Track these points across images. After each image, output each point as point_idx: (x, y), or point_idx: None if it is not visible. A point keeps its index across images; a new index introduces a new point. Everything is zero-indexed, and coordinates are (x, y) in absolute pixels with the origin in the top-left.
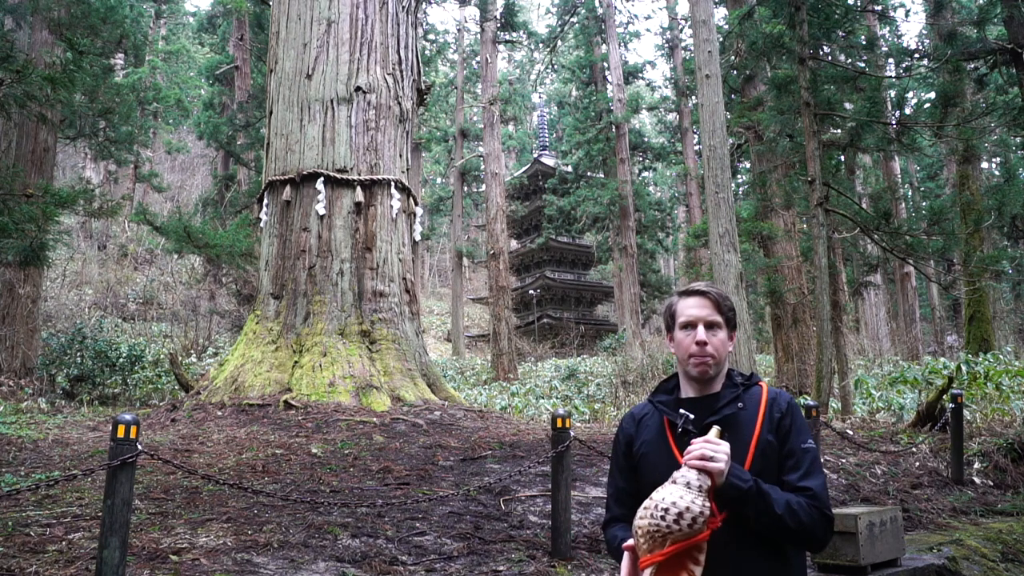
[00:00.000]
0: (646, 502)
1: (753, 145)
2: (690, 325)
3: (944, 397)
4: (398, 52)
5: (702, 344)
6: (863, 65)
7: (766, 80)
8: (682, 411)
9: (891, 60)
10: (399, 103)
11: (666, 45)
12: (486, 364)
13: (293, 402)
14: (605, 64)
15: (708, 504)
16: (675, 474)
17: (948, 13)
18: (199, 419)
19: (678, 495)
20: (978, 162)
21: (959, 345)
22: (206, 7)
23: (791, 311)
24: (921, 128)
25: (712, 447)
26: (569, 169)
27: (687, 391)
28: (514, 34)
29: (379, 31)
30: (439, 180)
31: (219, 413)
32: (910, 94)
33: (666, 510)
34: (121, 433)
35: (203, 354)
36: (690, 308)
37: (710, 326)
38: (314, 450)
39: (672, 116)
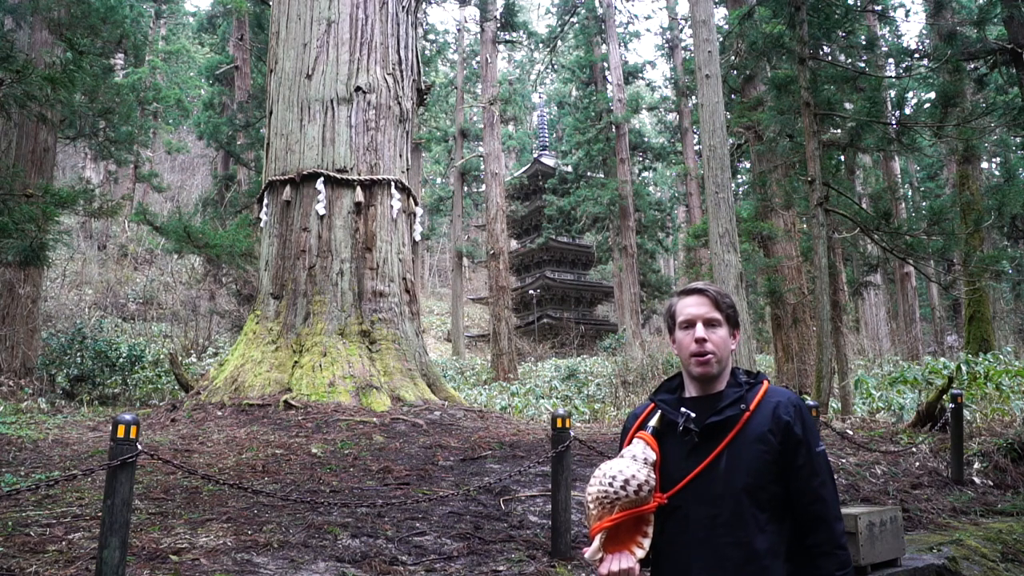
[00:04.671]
0: (595, 472)
1: (753, 145)
2: (689, 324)
3: (944, 397)
4: (398, 52)
5: (701, 341)
6: (863, 65)
7: (766, 80)
8: (683, 409)
9: (891, 60)
10: (399, 103)
11: (666, 45)
12: (486, 364)
13: (293, 402)
14: (605, 64)
15: (652, 476)
16: (622, 451)
17: (948, 13)
18: (199, 419)
19: (624, 465)
20: (978, 162)
21: (959, 345)
22: (206, 7)
23: (791, 311)
24: (921, 128)
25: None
26: (569, 169)
27: (690, 391)
28: (514, 34)
29: (379, 31)
30: (439, 180)
31: (219, 413)
32: (910, 94)
33: (613, 477)
34: (121, 433)
35: (203, 354)
36: (688, 307)
37: (709, 323)
38: (314, 450)
39: (672, 116)
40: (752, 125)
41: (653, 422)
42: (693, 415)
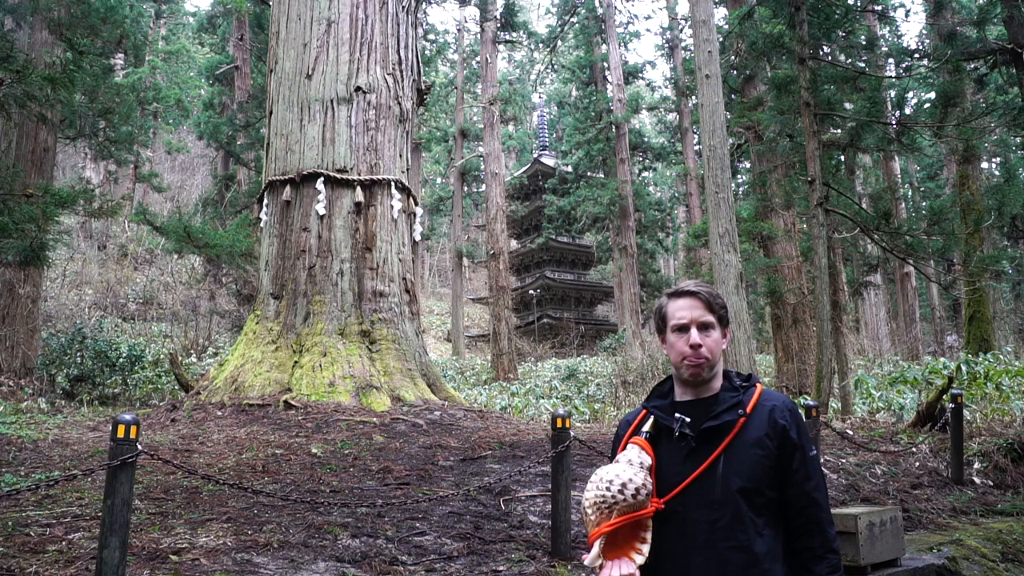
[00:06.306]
0: (592, 478)
1: (753, 145)
2: (683, 328)
3: (944, 397)
4: (398, 52)
5: (696, 347)
6: (863, 65)
7: (766, 80)
8: (678, 415)
9: (891, 60)
10: (399, 103)
11: (666, 45)
12: (486, 364)
13: (293, 402)
14: (605, 64)
15: (649, 480)
16: (617, 456)
17: (948, 13)
18: (199, 419)
19: (621, 469)
20: (978, 162)
21: (959, 345)
22: (206, 7)
23: (791, 311)
24: (921, 128)
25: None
26: (569, 169)
27: (682, 394)
28: (514, 34)
29: (379, 31)
30: (439, 180)
31: (219, 413)
32: (910, 94)
33: (611, 481)
34: (121, 433)
35: (203, 354)
36: (681, 310)
37: (703, 327)
38: (314, 450)
39: (672, 116)
40: (752, 125)
41: (647, 427)
42: (688, 420)
